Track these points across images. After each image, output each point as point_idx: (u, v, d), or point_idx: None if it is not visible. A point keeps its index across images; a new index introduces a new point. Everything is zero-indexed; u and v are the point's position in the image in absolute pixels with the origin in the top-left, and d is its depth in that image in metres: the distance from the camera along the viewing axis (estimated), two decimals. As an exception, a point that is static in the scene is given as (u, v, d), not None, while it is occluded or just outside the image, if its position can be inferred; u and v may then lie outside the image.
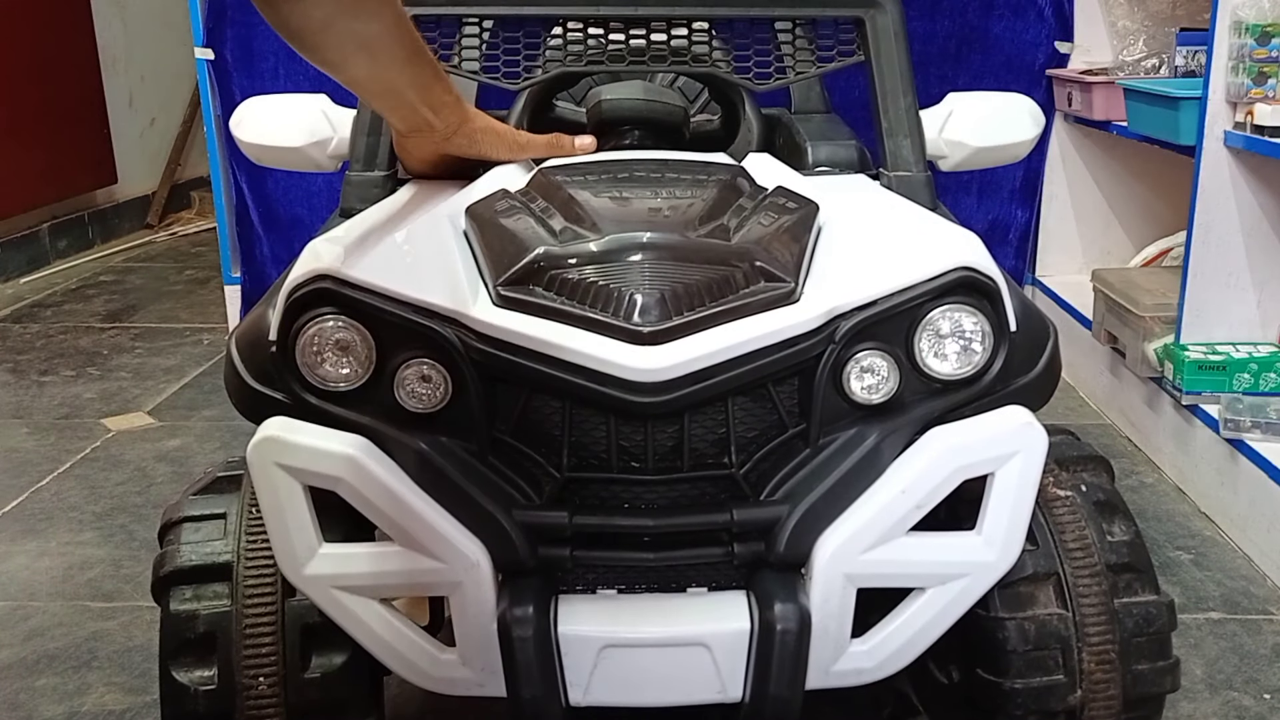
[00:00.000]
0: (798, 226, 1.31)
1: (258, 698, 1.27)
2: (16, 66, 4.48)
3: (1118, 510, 1.36)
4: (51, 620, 2.00)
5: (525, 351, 1.17)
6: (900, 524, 1.21)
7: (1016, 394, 1.28)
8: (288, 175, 3.20)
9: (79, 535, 2.31)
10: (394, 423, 1.23)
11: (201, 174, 5.36)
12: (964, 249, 1.27)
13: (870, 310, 1.22)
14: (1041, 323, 1.38)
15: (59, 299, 4.18)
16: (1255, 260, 2.38)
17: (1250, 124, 2.21)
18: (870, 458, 1.22)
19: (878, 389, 1.23)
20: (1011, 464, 1.22)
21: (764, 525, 1.22)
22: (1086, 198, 3.32)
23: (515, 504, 1.21)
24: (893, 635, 1.24)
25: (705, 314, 1.17)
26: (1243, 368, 2.33)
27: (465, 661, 1.23)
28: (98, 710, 1.75)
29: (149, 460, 2.68)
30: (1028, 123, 1.73)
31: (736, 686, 1.21)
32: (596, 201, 1.33)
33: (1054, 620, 1.29)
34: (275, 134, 1.74)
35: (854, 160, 1.75)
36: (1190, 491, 2.43)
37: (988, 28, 3.19)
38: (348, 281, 1.21)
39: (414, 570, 1.21)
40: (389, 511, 1.20)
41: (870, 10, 1.65)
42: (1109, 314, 2.76)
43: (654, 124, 1.87)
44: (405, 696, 1.67)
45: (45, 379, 3.28)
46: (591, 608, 1.22)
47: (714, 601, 1.24)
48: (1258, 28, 2.20)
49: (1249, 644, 1.90)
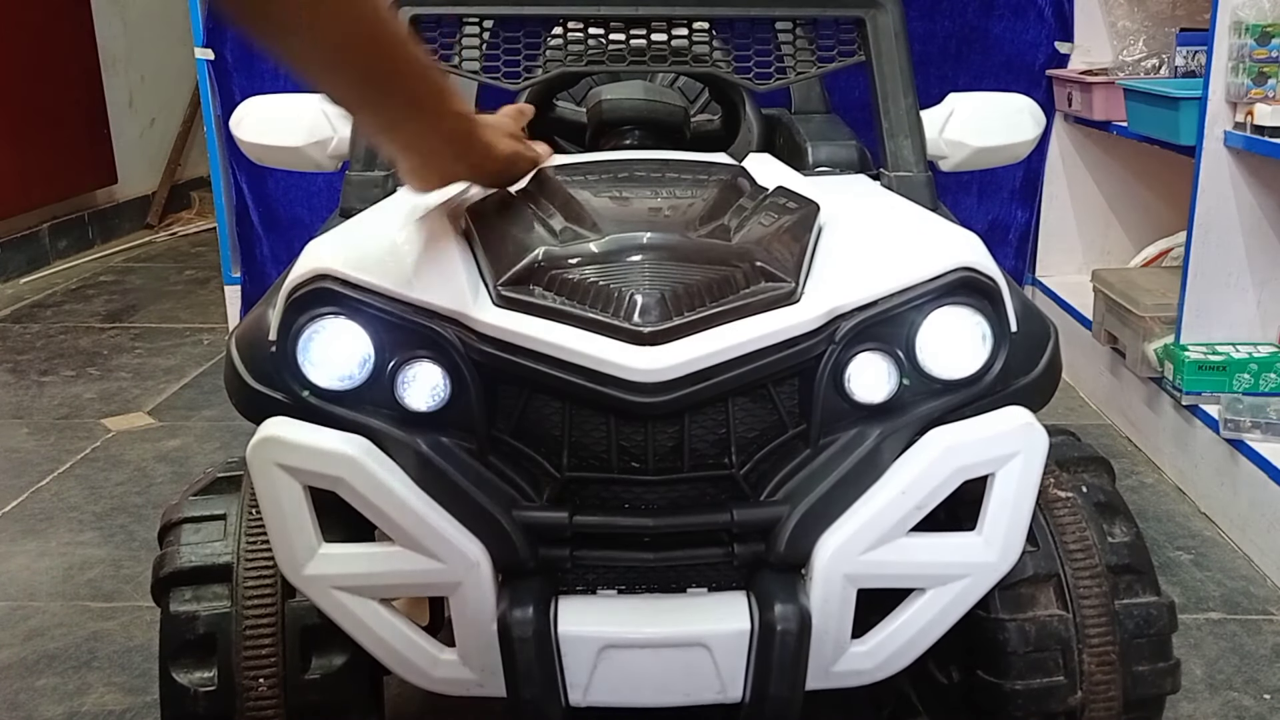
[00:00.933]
0: (798, 227, 1.31)
1: (258, 699, 1.27)
2: (17, 67, 4.48)
3: (1118, 511, 1.36)
4: (51, 620, 2.00)
5: (525, 351, 1.17)
6: (900, 524, 1.21)
7: (1017, 394, 1.28)
8: (288, 175, 3.20)
9: (79, 535, 2.31)
10: (394, 423, 1.23)
11: (201, 174, 5.36)
12: (964, 249, 1.27)
13: (871, 310, 1.22)
14: (1042, 323, 1.38)
15: (59, 299, 4.18)
16: (1255, 260, 2.38)
17: (1250, 124, 2.21)
18: (870, 458, 1.22)
19: (878, 389, 1.23)
20: (1012, 465, 1.22)
21: (764, 525, 1.22)
22: (1086, 198, 3.32)
23: (515, 504, 1.21)
24: (893, 636, 1.24)
25: (706, 314, 1.17)
26: (1243, 368, 2.33)
27: (465, 662, 1.23)
28: (98, 710, 1.75)
29: (149, 460, 2.68)
30: (1028, 123, 1.73)
31: (736, 687, 1.20)
32: (597, 201, 1.33)
33: (1054, 621, 1.29)
34: (275, 134, 1.74)
35: (854, 160, 1.75)
36: (1190, 492, 2.43)
37: (988, 28, 3.19)
38: (348, 281, 1.21)
39: (414, 570, 1.21)
40: (389, 512, 1.19)
41: (871, 10, 1.65)
42: (1109, 314, 2.76)
43: (654, 124, 1.87)
44: (405, 696, 1.67)
45: (45, 379, 3.28)
46: (591, 608, 1.22)
47: (714, 602, 1.24)
48: (1258, 28, 2.20)
49: (1249, 644, 1.90)
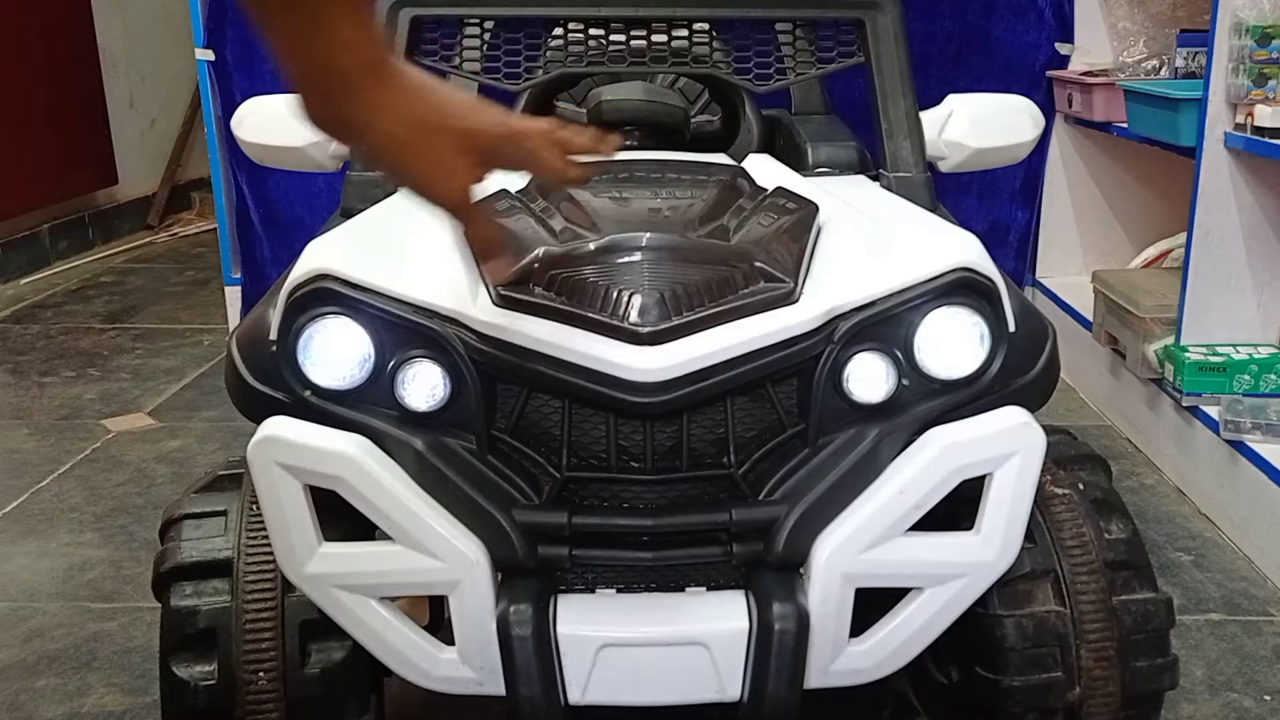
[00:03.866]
0: (797, 227, 1.31)
1: (257, 693, 1.27)
2: (17, 67, 4.49)
3: (1115, 508, 1.36)
4: (52, 621, 2.00)
5: (525, 351, 1.18)
6: (898, 524, 1.21)
7: (1015, 394, 1.28)
8: (288, 176, 3.20)
9: (79, 536, 2.32)
10: (394, 422, 1.23)
11: (202, 175, 5.35)
12: (963, 250, 1.27)
13: (869, 311, 1.22)
14: (1040, 323, 1.38)
15: (59, 300, 4.18)
16: (1255, 261, 2.39)
17: (1250, 125, 2.21)
18: (869, 458, 1.22)
19: (876, 389, 1.23)
20: (1010, 464, 1.22)
21: (762, 525, 1.22)
22: (1087, 199, 3.32)
23: (515, 503, 1.21)
24: (891, 635, 1.24)
25: (704, 314, 1.17)
26: (1243, 369, 2.33)
27: (464, 660, 1.23)
28: (98, 711, 1.75)
29: (149, 461, 2.69)
30: (1027, 124, 1.73)
31: (735, 686, 1.21)
32: (596, 202, 1.33)
33: (1052, 618, 1.29)
34: (276, 134, 1.74)
35: (854, 161, 1.75)
36: (1191, 493, 2.43)
37: (988, 29, 3.19)
38: (348, 281, 1.22)
39: (413, 570, 1.21)
40: (388, 511, 1.20)
41: (870, 12, 1.65)
42: (1109, 315, 2.76)
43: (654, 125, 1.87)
44: (405, 694, 1.67)
45: (46, 380, 3.28)
46: (590, 607, 1.22)
47: (713, 601, 1.24)
48: (1258, 29, 2.20)
49: (1249, 645, 1.90)
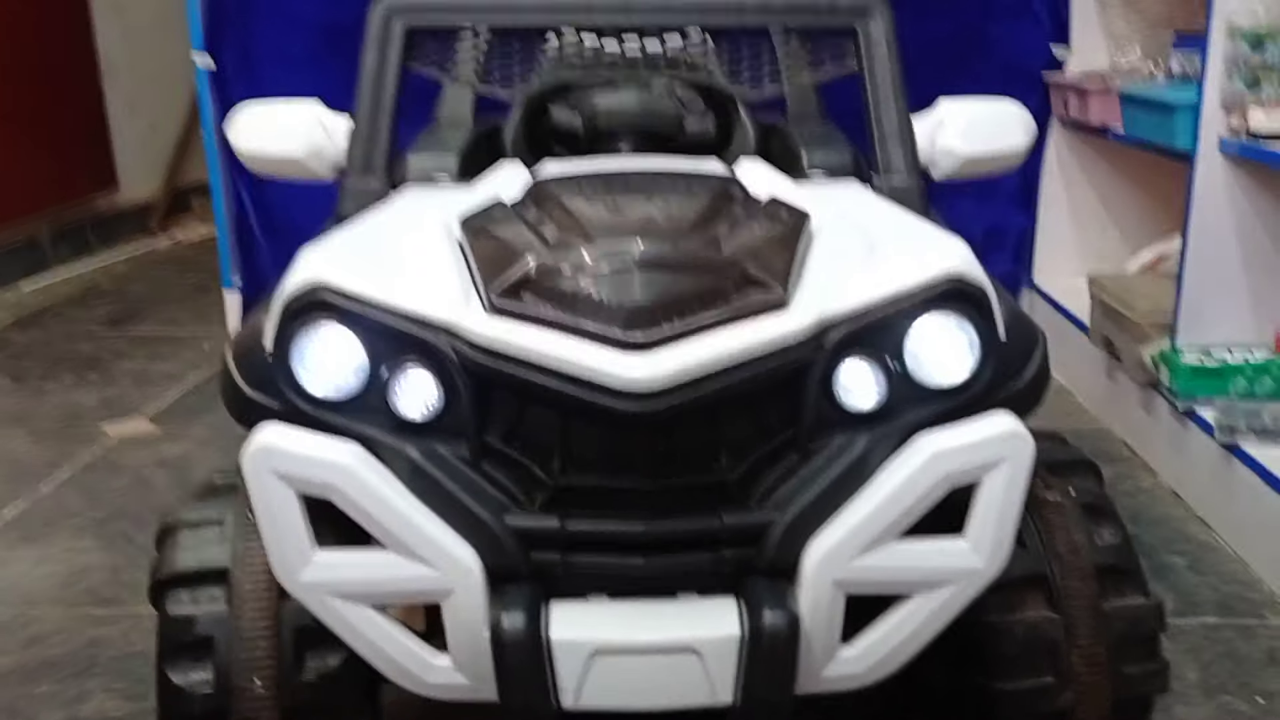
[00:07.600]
0: (788, 235, 1.31)
1: (253, 699, 1.28)
2: (16, 73, 4.50)
3: (1106, 514, 1.37)
4: (51, 627, 2.01)
5: (517, 360, 1.18)
6: (889, 530, 1.21)
7: (1005, 401, 1.29)
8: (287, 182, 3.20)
9: (79, 542, 2.32)
10: (388, 430, 1.24)
11: (202, 179, 5.35)
12: (953, 257, 1.27)
13: (860, 319, 1.23)
14: (1030, 330, 1.39)
15: (60, 305, 4.19)
16: (1250, 265, 2.39)
17: (1245, 129, 2.22)
18: (859, 464, 1.23)
19: (867, 396, 1.24)
20: (999, 471, 1.23)
21: (754, 531, 1.22)
22: (1083, 202, 3.33)
23: (507, 510, 1.22)
24: (882, 641, 1.24)
25: (696, 323, 1.18)
26: (1238, 372, 2.34)
27: (458, 667, 1.24)
28: (97, 716, 1.76)
29: (149, 466, 2.69)
30: (1018, 130, 1.73)
31: (726, 691, 1.21)
32: (589, 210, 1.34)
33: (1043, 622, 1.29)
34: (271, 143, 1.74)
35: (847, 166, 1.75)
36: (1186, 496, 2.44)
37: (984, 33, 3.19)
38: (342, 291, 1.22)
39: (407, 577, 1.22)
40: (382, 518, 1.20)
41: (862, 20, 1.66)
42: (1105, 319, 2.76)
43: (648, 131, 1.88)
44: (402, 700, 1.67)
45: (46, 385, 3.29)
46: (583, 613, 1.23)
47: (704, 607, 1.24)
48: (1253, 34, 2.20)
49: (1243, 648, 1.90)
